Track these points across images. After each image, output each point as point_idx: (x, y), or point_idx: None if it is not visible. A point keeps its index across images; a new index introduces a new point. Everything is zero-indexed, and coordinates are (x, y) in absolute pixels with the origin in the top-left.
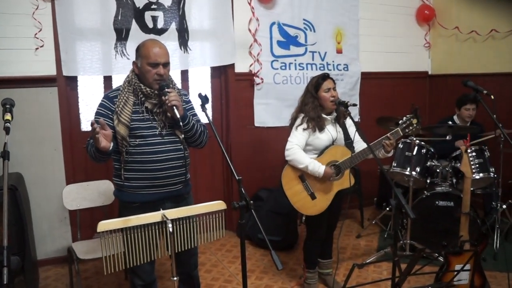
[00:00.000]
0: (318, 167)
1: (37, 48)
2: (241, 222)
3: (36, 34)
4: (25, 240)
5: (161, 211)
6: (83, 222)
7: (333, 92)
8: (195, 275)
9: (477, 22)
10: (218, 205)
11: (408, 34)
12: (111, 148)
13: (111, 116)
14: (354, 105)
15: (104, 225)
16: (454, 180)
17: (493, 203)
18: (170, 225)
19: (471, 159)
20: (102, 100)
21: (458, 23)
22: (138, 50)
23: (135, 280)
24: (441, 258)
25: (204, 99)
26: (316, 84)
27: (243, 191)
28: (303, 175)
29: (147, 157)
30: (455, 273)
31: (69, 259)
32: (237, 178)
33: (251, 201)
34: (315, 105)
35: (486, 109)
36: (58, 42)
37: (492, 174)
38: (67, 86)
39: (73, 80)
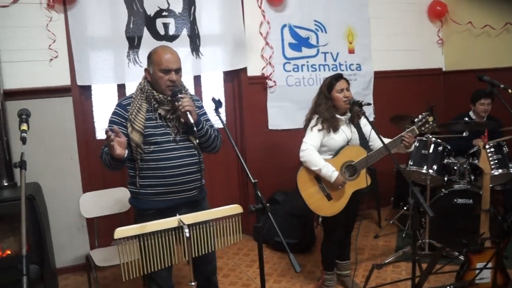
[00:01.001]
0: (331, 172)
1: (51, 59)
2: (258, 225)
3: (50, 45)
4: (43, 248)
5: (178, 217)
6: (101, 229)
7: (346, 93)
8: (214, 281)
9: (491, 16)
10: (235, 209)
11: (421, 31)
12: (126, 155)
13: (124, 124)
14: (368, 104)
15: (121, 232)
16: (472, 177)
17: None
18: (186, 230)
19: (489, 155)
20: (115, 108)
21: (471, 18)
22: (149, 57)
23: (153, 286)
24: (461, 257)
25: (217, 104)
26: (329, 84)
27: (259, 194)
28: (319, 176)
29: (161, 164)
30: (477, 271)
31: (87, 266)
32: (252, 181)
33: (268, 204)
34: (328, 106)
35: (504, 103)
36: (71, 53)
37: (511, 169)
38: (81, 95)
39: (87, 89)
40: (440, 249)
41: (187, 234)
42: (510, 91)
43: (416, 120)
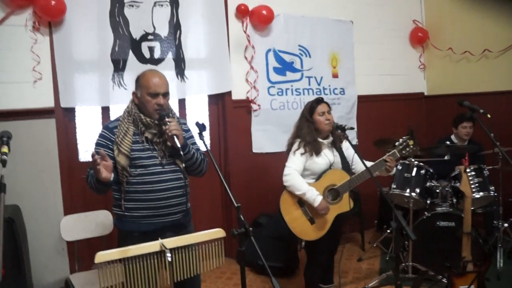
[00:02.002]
0: (315, 196)
1: (35, 81)
2: (241, 249)
3: (34, 67)
4: (21, 273)
5: (160, 241)
6: (81, 253)
7: (327, 116)
8: None
9: (470, 42)
10: (217, 233)
11: (403, 56)
12: (112, 179)
13: (111, 147)
14: (352, 128)
15: (102, 256)
16: (455, 200)
17: (494, 221)
18: (168, 255)
19: (470, 178)
20: (102, 131)
21: (451, 44)
22: (138, 80)
23: None
24: (444, 280)
25: (201, 128)
26: (310, 108)
27: (242, 218)
28: (302, 200)
29: (148, 187)
30: None
31: None
32: (236, 205)
33: (250, 228)
34: (310, 129)
35: (483, 128)
36: (56, 74)
37: (492, 192)
38: (65, 117)
39: (71, 111)
40: (421, 273)
41: (169, 259)
42: (489, 116)
43: (397, 144)
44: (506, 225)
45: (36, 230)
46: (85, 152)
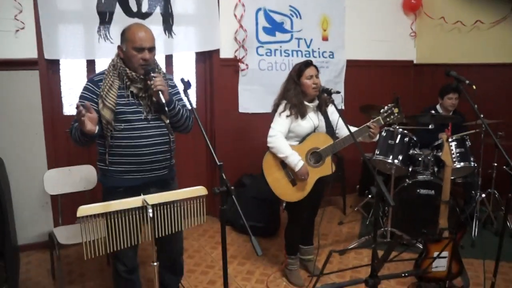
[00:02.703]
0: (297, 161)
1: (17, 30)
2: (222, 208)
3: (16, 15)
4: (5, 225)
5: (142, 196)
6: (65, 207)
7: (315, 80)
8: (180, 262)
9: (463, 13)
10: (199, 190)
11: (394, 23)
12: (96, 131)
13: (96, 100)
14: (338, 92)
15: (84, 210)
16: (436, 169)
17: (473, 192)
18: (150, 211)
19: (452, 148)
20: (86, 84)
21: (444, 13)
22: (123, 34)
23: (117, 265)
24: (420, 245)
25: (186, 85)
26: (298, 70)
27: (224, 177)
28: (284, 162)
29: (132, 142)
30: (433, 260)
31: (50, 244)
32: (218, 163)
33: (232, 187)
34: (297, 92)
35: (468, 99)
36: (39, 24)
37: (472, 163)
38: (48, 69)
39: (55, 64)
40: (396, 237)
41: (150, 214)
42: (474, 87)
43: (382, 111)
44: (483, 195)
45: (19, 183)
46: (70, 106)
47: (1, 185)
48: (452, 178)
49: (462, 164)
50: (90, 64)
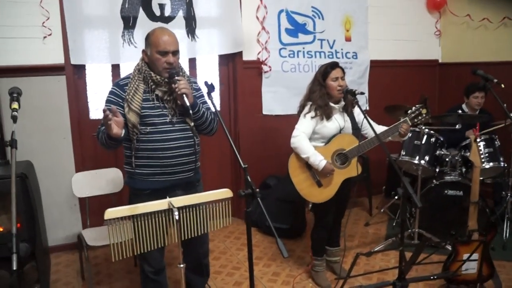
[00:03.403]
0: (318, 162)
1: (45, 37)
2: (248, 210)
3: (44, 22)
4: (35, 227)
5: (168, 199)
6: (93, 209)
7: (340, 82)
8: (205, 264)
9: (489, 9)
10: (224, 193)
11: (418, 22)
12: (122, 135)
13: (121, 104)
14: (362, 93)
15: (111, 213)
16: (464, 169)
17: (503, 192)
18: (176, 213)
19: (480, 148)
20: (112, 88)
21: (469, 10)
22: (147, 38)
23: (144, 266)
24: (449, 247)
25: (210, 88)
26: (324, 72)
27: (249, 179)
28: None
29: (157, 145)
30: (462, 262)
31: (79, 245)
32: (243, 166)
33: (257, 189)
34: (322, 93)
35: (496, 98)
36: (65, 31)
37: (502, 163)
38: (75, 74)
39: (81, 69)
40: (424, 240)
41: (176, 217)
42: (502, 86)
43: (409, 111)
44: None
45: (48, 186)
46: (96, 110)
47: (31, 187)
48: (481, 178)
49: (491, 164)
50: (115, 68)
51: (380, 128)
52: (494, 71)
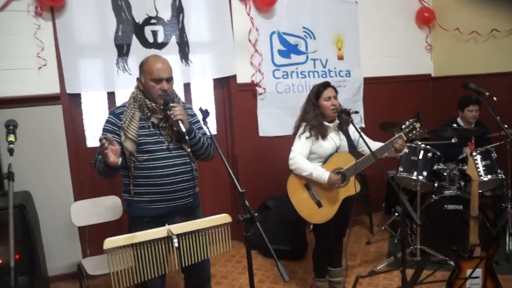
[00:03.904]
0: (322, 174)
1: (40, 67)
2: (247, 235)
3: (38, 53)
4: (34, 257)
5: (166, 227)
6: (92, 238)
7: (333, 101)
8: None
9: (478, 22)
10: (223, 218)
11: (409, 37)
12: (119, 163)
13: (118, 132)
14: (356, 112)
15: (111, 242)
16: (462, 183)
17: (503, 204)
18: (175, 240)
19: (477, 161)
20: (108, 117)
21: (458, 24)
22: (141, 66)
23: None
24: (452, 262)
25: (205, 113)
26: (316, 92)
27: (247, 204)
28: (309, 184)
29: (155, 172)
30: (465, 279)
31: (79, 275)
32: (240, 191)
33: (256, 214)
34: (316, 113)
35: (489, 111)
36: (60, 60)
37: (500, 175)
38: (71, 103)
39: (76, 97)
40: (425, 259)
41: (176, 244)
42: (495, 99)
43: (403, 126)
44: None
45: (47, 215)
46: (92, 138)
47: (30, 218)
48: (480, 191)
49: (489, 177)
50: (111, 96)
51: (376, 145)
52: (486, 82)
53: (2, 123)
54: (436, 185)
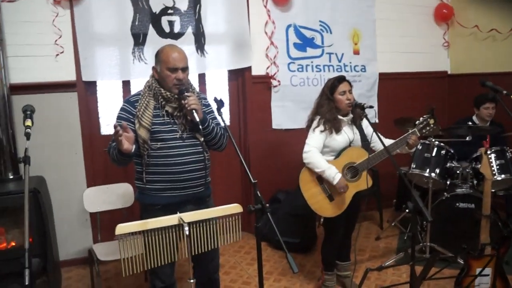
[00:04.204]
0: (334, 174)
1: (57, 55)
2: (257, 225)
3: (56, 40)
4: (47, 242)
5: (178, 214)
6: (104, 224)
7: (348, 95)
8: (216, 279)
9: (497, 20)
10: (234, 208)
11: (426, 34)
12: (133, 150)
13: (132, 120)
14: (371, 107)
15: (122, 228)
16: (475, 182)
17: None
18: (186, 228)
19: (492, 160)
20: (123, 105)
21: (477, 21)
22: (157, 55)
23: (155, 281)
24: (461, 261)
25: (219, 103)
26: (331, 86)
27: (259, 194)
28: (321, 177)
29: (168, 160)
30: (474, 277)
31: (89, 260)
32: (252, 181)
33: (267, 204)
34: (330, 107)
35: (506, 109)
36: (77, 48)
37: None
38: (86, 91)
39: (92, 85)
40: (434, 255)
41: (187, 232)
42: None
43: (417, 122)
44: None
45: (60, 201)
46: (107, 125)
47: (43, 202)
48: (493, 190)
49: (503, 176)
50: (126, 84)
51: (387, 142)
52: (503, 81)
53: (19, 108)
54: (448, 182)
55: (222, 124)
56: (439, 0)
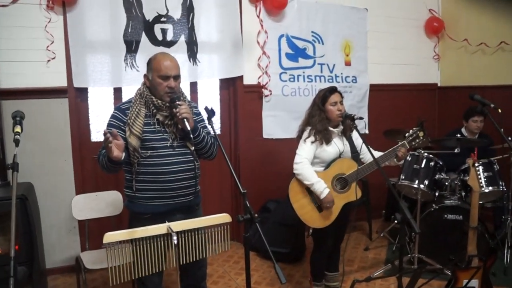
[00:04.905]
0: (323, 189)
1: (48, 60)
2: (246, 235)
3: (48, 46)
4: (33, 249)
5: (166, 224)
6: (92, 232)
7: (339, 106)
8: (203, 287)
9: (486, 34)
10: (223, 218)
11: (417, 46)
12: (123, 158)
13: (123, 128)
14: (361, 118)
15: (110, 236)
16: (463, 193)
17: (503, 216)
18: (175, 238)
19: (479, 172)
20: (114, 112)
21: (467, 35)
22: (149, 63)
23: None
24: (448, 272)
25: (210, 113)
26: (323, 97)
27: (248, 204)
28: (310, 188)
29: (158, 169)
30: None
31: (76, 268)
32: (241, 191)
33: (256, 214)
34: (321, 118)
35: (494, 123)
36: (69, 54)
37: (501, 187)
38: (77, 97)
39: (83, 92)
40: (421, 266)
41: (175, 241)
42: (499, 110)
43: (407, 135)
44: None
45: (48, 208)
46: (97, 132)
47: (31, 209)
48: (481, 202)
49: (490, 188)
50: (117, 91)
51: (377, 154)
52: (492, 94)
53: (9, 114)
54: (437, 194)
55: (213, 133)
56: (430, 13)
